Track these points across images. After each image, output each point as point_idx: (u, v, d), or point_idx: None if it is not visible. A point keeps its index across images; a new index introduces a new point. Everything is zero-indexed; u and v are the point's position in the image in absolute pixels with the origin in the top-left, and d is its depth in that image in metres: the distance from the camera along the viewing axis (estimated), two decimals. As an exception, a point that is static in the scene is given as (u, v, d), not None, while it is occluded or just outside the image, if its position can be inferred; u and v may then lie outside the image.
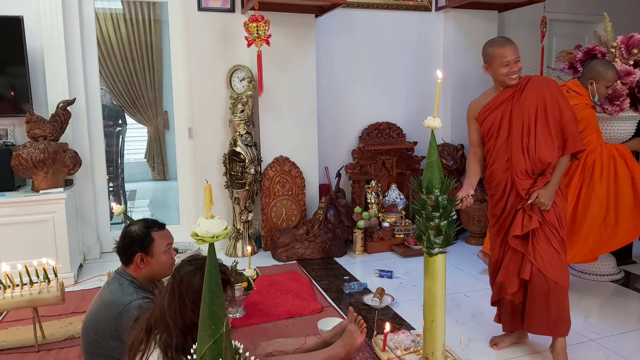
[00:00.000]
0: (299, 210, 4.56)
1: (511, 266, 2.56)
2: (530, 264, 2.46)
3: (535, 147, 2.45)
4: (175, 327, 1.59)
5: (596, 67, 3.24)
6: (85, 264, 4.22)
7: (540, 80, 2.55)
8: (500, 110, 2.54)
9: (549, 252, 2.46)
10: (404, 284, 3.70)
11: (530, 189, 2.47)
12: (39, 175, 3.67)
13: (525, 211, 2.48)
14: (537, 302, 2.47)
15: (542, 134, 2.46)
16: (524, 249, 2.50)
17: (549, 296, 2.44)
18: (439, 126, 2.00)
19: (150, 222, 2.20)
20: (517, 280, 2.54)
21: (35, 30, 3.92)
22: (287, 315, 3.11)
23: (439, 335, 2.08)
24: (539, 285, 2.45)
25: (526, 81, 2.52)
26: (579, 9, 5.63)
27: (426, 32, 5.07)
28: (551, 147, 2.46)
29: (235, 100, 4.33)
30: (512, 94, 2.52)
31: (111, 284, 2.11)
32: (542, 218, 2.47)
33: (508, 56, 2.47)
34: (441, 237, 2.03)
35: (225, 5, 4.38)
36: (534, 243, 2.47)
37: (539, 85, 2.50)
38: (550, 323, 2.46)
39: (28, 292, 2.61)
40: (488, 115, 2.59)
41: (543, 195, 2.43)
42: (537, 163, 2.46)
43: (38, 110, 3.89)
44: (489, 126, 2.59)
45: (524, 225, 2.47)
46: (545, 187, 2.45)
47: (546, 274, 2.43)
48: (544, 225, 2.47)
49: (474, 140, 2.72)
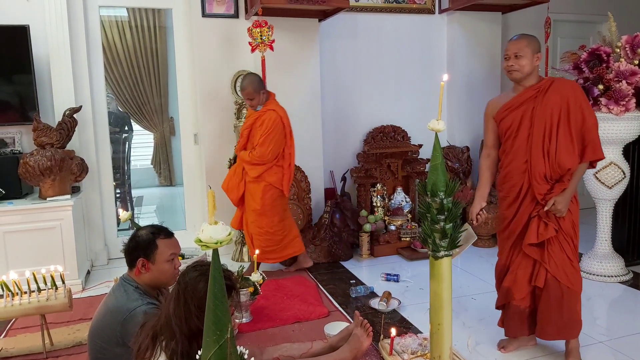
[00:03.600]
0: (304, 215, 4.55)
1: (520, 272, 2.53)
2: (545, 272, 2.43)
3: (556, 151, 2.40)
4: (181, 334, 1.60)
5: None
6: (92, 271, 4.23)
7: (565, 83, 2.49)
8: (521, 110, 2.48)
9: (563, 259, 2.43)
10: (411, 287, 3.68)
11: (547, 195, 2.43)
12: (46, 182, 3.70)
13: (540, 218, 2.44)
14: (552, 309, 2.43)
15: (563, 139, 2.41)
16: (540, 256, 2.46)
17: (562, 302, 2.42)
18: (443, 129, 1.99)
19: (158, 228, 2.20)
20: (526, 287, 2.51)
21: (41, 38, 3.96)
22: (294, 320, 3.11)
23: (445, 339, 2.07)
24: (554, 292, 2.42)
25: (550, 83, 2.46)
26: (583, 10, 5.60)
27: (430, 34, 5.07)
28: (572, 152, 2.41)
29: (240, 105, 4.34)
30: (534, 94, 2.46)
31: (116, 290, 2.12)
32: (559, 226, 2.42)
33: (508, 50, 2.46)
34: (447, 240, 2.02)
35: (229, 11, 4.40)
36: (549, 250, 2.43)
37: (564, 88, 2.44)
38: (563, 328, 2.44)
39: (36, 299, 2.62)
40: (508, 115, 2.53)
41: (560, 202, 2.39)
42: (555, 168, 2.41)
43: (44, 118, 3.92)
44: (507, 125, 2.53)
45: (540, 233, 2.43)
46: (562, 194, 2.40)
47: (561, 280, 2.40)
48: (559, 233, 2.43)
49: (489, 141, 2.68)
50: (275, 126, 3.65)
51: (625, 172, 3.62)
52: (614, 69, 3.43)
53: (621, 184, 3.63)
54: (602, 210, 3.75)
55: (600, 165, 3.61)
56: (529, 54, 2.44)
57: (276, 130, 3.66)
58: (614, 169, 3.60)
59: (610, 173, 3.60)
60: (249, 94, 3.65)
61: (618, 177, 3.60)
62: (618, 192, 3.66)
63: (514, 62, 2.45)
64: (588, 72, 3.52)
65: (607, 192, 3.64)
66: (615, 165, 3.60)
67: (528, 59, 2.44)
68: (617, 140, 3.55)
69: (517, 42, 2.45)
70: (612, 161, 3.59)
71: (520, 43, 2.45)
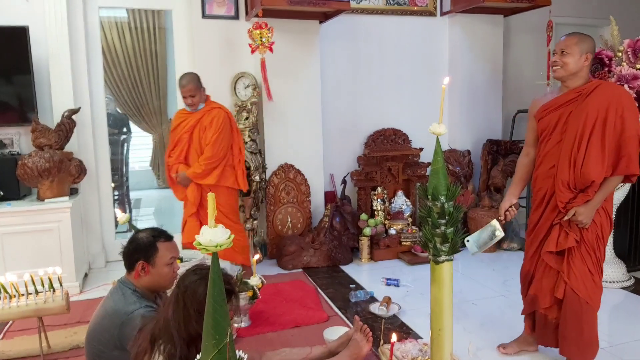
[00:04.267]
0: (304, 218, 4.54)
1: (544, 280, 2.47)
2: (564, 284, 2.37)
3: (584, 160, 2.29)
4: (179, 338, 1.58)
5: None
6: (90, 273, 4.21)
7: (611, 88, 2.36)
8: (559, 112, 2.39)
9: (583, 272, 2.35)
10: (411, 292, 3.66)
11: (569, 204, 2.34)
12: (45, 184, 3.68)
13: (562, 227, 2.36)
14: (570, 324, 2.38)
15: (593, 148, 2.28)
16: (558, 266, 2.40)
17: (582, 318, 2.35)
18: (444, 132, 1.97)
19: (158, 231, 2.18)
20: (550, 297, 2.45)
21: (40, 39, 3.94)
22: (293, 325, 3.08)
23: (446, 344, 2.05)
24: (572, 306, 2.36)
25: (594, 86, 2.33)
26: (585, 13, 5.60)
27: (431, 37, 5.06)
28: (600, 163, 2.28)
29: (240, 107, 4.33)
30: (575, 97, 2.35)
31: (114, 294, 2.10)
32: (580, 236, 2.35)
33: (557, 46, 2.37)
34: (447, 245, 2.00)
35: (229, 13, 4.39)
36: (569, 261, 2.36)
37: (607, 93, 2.30)
38: (583, 347, 2.38)
39: (33, 301, 2.60)
40: (545, 116, 2.45)
41: (581, 213, 2.29)
42: (579, 178, 2.31)
43: (43, 120, 3.90)
44: (544, 127, 2.45)
45: (559, 242, 2.37)
46: (584, 205, 2.30)
47: (579, 294, 2.33)
48: (581, 244, 2.35)
49: (529, 140, 2.60)
50: (225, 124, 3.58)
51: (626, 176, 3.60)
52: (615, 73, 3.42)
53: (623, 189, 3.60)
54: (603, 215, 3.72)
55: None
56: (577, 52, 2.31)
57: (227, 128, 3.60)
58: (615, 174, 3.57)
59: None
60: (191, 91, 3.51)
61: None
62: (620, 197, 3.64)
63: (559, 58, 2.34)
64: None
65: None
66: (616, 169, 3.57)
67: (574, 58, 2.32)
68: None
69: (567, 39, 2.34)
70: (613, 166, 3.57)
71: (570, 40, 2.33)
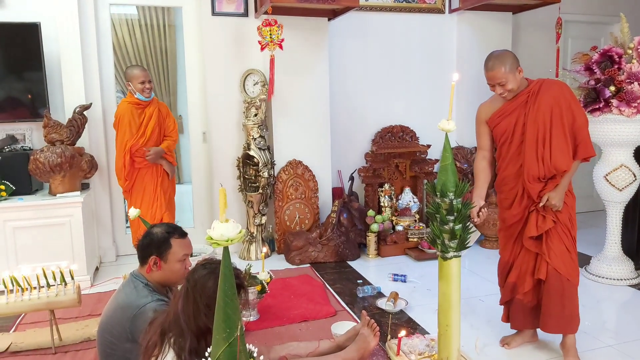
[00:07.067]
0: (312, 214, 4.56)
1: (524, 266, 2.59)
2: (546, 264, 2.48)
3: (551, 155, 2.45)
4: (189, 331, 1.60)
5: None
6: (101, 267, 4.26)
7: (553, 83, 2.52)
8: (514, 116, 2.52)
9: (562, 251, 2.49)
10: (418, 287, 3.67)
11: (541, 192, 2.49)
12: (56, 179, 3.72)
13: (538, 212, 2.50)
14: (553, 301, 2.49)
15: (557, 141, 2.45)
16: (539, 249, 2.52)
17: (564, 294, 2.47)
18: (453, 129, 1.99)
19: (173, 227, 2.21)
20: (530, 280, 2.56)
21: (52, 36, 3.98)
22: (301, 319, 3.11)
23: (453, 340, 2.07)
24: (555, 284, 2.47)
25: (539, 85, 2.49)
26: (594, 10, 5.56)
27: (439, 34, 5.05)
28: (566, 153, 2.46)
29: (249, 104, 4.35)
30: (525, 99, 2.49)
31: (126, 287, 2.13)
32: (556, 217, 2.49)
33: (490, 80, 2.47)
34: (456, 241, 2.01)
35: (238, 10, 4.40)
36: (548, 242, 2.50)
37: (553, 89, 2.47)
38: (565, 321, 2.50)
39: (45, 294, 2.64)
40: (501, 122, 2.56)
41: (553, 197, 2.45)
42: (551, 170, 2.46)
43: (55, 115, 3.95)
44: (501, 132, 2.57)
45: (539, 226, 2.50)
46: (555, 190, 2.47)
47: (560, 272, 2.46)
48: (557, 225, 2.50)
49: (484, 144, 2.70)
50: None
51: (636, 174, 3.59)
52: (625, 71, 3.40)
53: (632, 186, 3.60)
54: (612, 212, 3.72)
55: (611, 168, 3.59)
56: (510, 75, 2.44)
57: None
58: (624, 172, 3.57)
59: (621, 175, 3.57)
60: (149, 79, 3.73)
61: (629, 180, 3.57)
62: (628, 194, 3.63)
63: (501, 89, 2.47)
64: (599, 73, 3.49)
65: (618, 195, 3.62)
66: (625, 167, 3.57)
67: (512, 81, 2.45)
68: (628, 142, 3.52)
69: (494, 72, 2.44)
70: (622, 163, 3.57)
71: (498, 72, 2.43)
